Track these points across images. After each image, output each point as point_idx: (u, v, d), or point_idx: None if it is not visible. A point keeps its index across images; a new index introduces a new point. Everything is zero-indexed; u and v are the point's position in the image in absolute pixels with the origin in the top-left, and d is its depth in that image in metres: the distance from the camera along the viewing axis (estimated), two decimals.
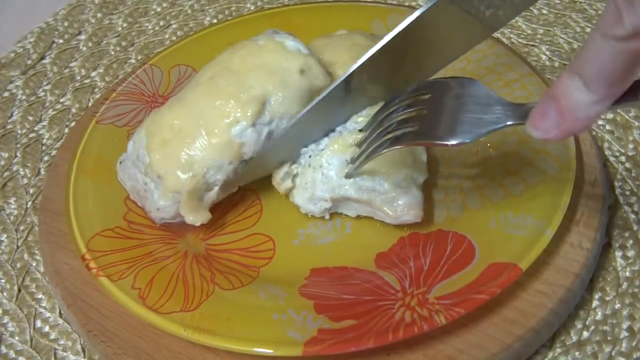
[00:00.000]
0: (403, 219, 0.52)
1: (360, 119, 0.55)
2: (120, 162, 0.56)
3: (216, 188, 0.53)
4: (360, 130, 0.54)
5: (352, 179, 0.52)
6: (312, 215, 0.55)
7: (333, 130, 0.55)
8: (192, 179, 0.52)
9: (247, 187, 0.57)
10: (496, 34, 0.68)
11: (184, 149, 0.52)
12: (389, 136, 0.49)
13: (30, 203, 0.62)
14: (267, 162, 0.55)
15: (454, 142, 0.45)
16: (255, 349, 0.44)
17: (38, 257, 0.57)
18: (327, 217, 0.55)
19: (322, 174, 0.53)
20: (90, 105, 0.71)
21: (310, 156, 0.54)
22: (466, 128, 0.45)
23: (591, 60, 0.35)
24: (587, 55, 0.36)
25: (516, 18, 0.78)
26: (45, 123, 0.70)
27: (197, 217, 0.53)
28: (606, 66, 0.35)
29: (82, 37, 0.81)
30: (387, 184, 0.52)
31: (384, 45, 0.51)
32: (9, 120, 0.71)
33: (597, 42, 0.34)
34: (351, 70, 0.52)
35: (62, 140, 0.68)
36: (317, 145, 0.55)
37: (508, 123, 0.44)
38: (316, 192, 0.53)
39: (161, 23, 0.82)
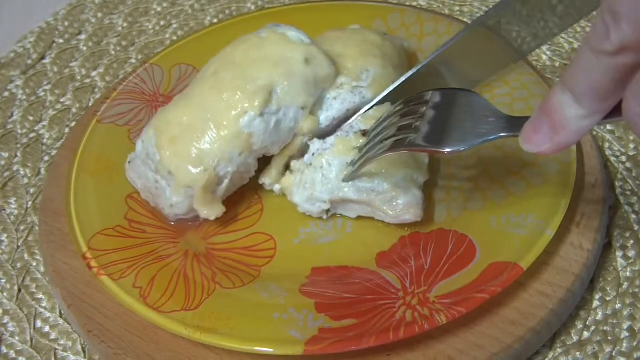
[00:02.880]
0: (403, 218, 0.52)
1: (367, 121, 0.55)
2: (129, 162, 0.56)
3: (227, 180, 0.53)
4: (364, 134, 0.54)
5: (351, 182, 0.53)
6: (310, 215, 0.55)
7: (340, 129, 0.55)
8: (203, 173, 0.52)
9: (248, 185, 0.57)
10: None
11: (194, 144, 0.53)
12: (386, 142, 0.49)
13: (30, 203, 0.62)
14: None
15: (448, 149, 0.46)
16: (256, 348, 0.44)
17: (38, 257, 0.57)
18: (325, 217, 0.55)
19: (322, 174, 0.53)
20: (90, 105, 0.71)
21: (314, 154, 0.54)
22: (461, 137, 0.46)
23: (581, 75, 0.36)
24: (577, 70, 0.36)
25: None
26: (45, 123, 0.70)
27: (211, 211, 0.53)
28: (596, 81, 0.35)
29: (83, 37, 0.81)
30: (386, 184, 0.52)
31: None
32: (10, 120, 0.71)
33: (586, 57, 0.35)
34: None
35: (62, 140, 0.68)
36: (323, 144, 0.55)
37: (501, 134, 0.45)
38: (315, 192, 0.53)
39: (162, 23, 0.82)
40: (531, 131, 0.40)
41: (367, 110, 0.56)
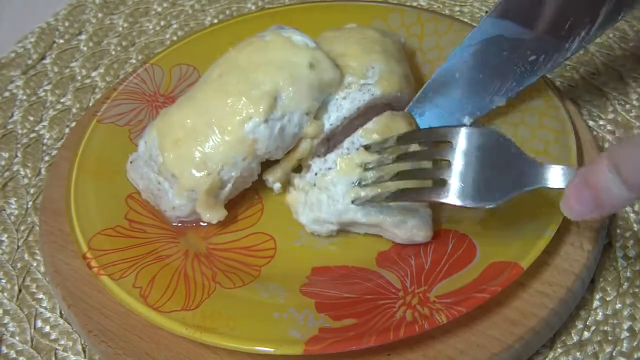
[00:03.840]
0: (414, 239, 0.51)
1: (368, 135, 0.53)
2: (131, 162, 0.57)
3: (230, 185, 0.54)
4: (366, 148, 0.52)
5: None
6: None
7: (341, 146, 0.54)
8: (207, 177, 0.52)
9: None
10: None
11: (198, 148, 0.53)
12: (407, 186, 0.48)
13: (30, 203, 0.62)
14: None
15: (475, 205, 0.44)
16: (257, 348, 0.44)
17: (39, 257, 0.57)
18: (335, 234, 0.54)
19: (328, 196, 0.52)
20: (90, 105, 0.71)
21: (316, 174, 0.54)
22: (492, 188, 0.44)
23: (637, 172, 0.36)
24: (634, 163, 0.36)
25: None
26: (45, 123, 0.70)
27: (213, 215, 0.53)
28: None
29: (83, 37, 0.81)
30: (395, 207, 0.51)
31: None
32: (10, 120, 0.71)
33: None
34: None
35: (62, 140, 0.68)
36: (324, 163, 0.54)
37: (538, 186, 0.44)
38: (322, 214, 0.52)
39: (162, 23, 0.82)
40: (574, 202, 0.41)
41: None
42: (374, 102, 0.57)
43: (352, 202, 0.51)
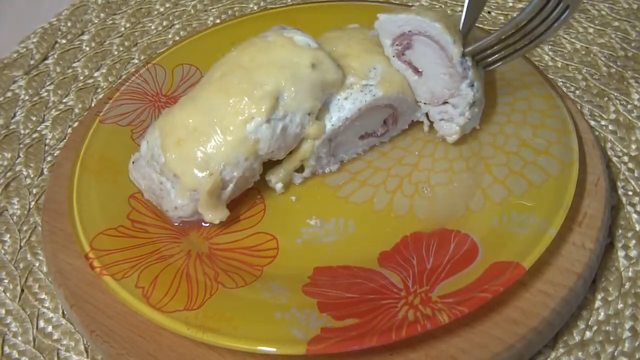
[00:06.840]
0: None
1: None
2: (133, 162, 0.57)
3: (232, 185, 0.54)
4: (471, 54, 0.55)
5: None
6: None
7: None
8: (209, 177, 0.52)
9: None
10: None
11: (200, 147, 0.53)
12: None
13: (33, 203, 0.62)
14: None
15: None
16: (259, 348, 0.44)
17: (41, 258, 0.58)
18: None
19: (481, 101, 0.57)
20: (93, 105, 0.71)
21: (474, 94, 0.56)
22: None
23: None
24: None
25: None
26: (48, 123, 0.70)
27: (215, 215, 0.53)
28: None
29: (85, 37, 0.81)
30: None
31: None
32: (12, 121, 0.71)
33: None
34: None
35: (65, 141, 0.68)
36: (466, 95, 0.56)
37: None
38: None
39: (164, 23, 0.82)
40: None
41: None
42: (376, 103, 0.57)
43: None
